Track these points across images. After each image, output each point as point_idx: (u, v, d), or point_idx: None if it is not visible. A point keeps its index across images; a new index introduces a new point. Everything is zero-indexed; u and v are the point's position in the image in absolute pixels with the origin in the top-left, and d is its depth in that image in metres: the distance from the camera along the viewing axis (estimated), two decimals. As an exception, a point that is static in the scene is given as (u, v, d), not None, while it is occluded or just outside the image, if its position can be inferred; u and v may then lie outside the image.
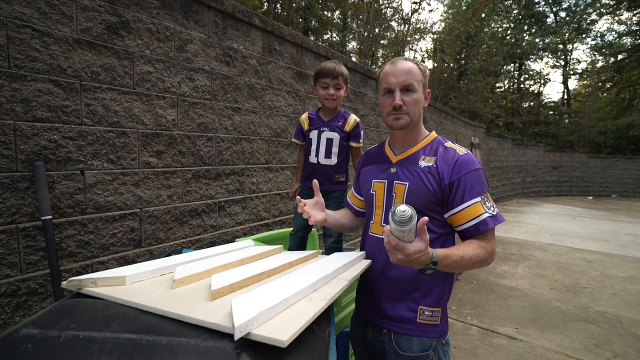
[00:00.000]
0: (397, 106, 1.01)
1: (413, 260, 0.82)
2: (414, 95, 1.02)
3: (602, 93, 20.55)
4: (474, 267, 0.96)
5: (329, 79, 1.75)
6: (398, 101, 1.01)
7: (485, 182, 0.99)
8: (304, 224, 1.99)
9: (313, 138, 1.89)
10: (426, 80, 1.06)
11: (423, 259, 0.84)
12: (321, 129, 1.87)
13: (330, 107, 1.85)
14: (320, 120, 1.89)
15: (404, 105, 1.02)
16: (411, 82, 1.01)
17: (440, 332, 1.03)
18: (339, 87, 1.79)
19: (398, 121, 1.04)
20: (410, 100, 1.02)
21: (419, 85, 1.03)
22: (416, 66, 1.03)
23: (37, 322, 0.66)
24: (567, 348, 2.59)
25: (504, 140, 12.49)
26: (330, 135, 1.86)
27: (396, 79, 1.02)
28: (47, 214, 1.49)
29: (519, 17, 20.83)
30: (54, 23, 1.55)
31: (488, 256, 0.96)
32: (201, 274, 0.92)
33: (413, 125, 1.07)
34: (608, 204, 12.59)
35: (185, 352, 0.57)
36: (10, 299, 1.47)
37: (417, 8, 11.38)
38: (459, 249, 0.94)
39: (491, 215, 0.96)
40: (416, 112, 1.04)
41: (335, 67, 1.76)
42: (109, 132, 1.77)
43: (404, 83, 1.01)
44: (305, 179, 2.00)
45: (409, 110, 1.02)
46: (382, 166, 1.12)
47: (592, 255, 5.27)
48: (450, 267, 0.92)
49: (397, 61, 1.05)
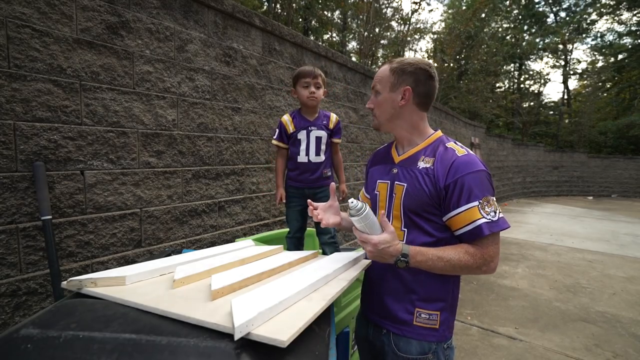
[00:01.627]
0: (368, 108, 1.12)
1: (381, 251, 0.89)
2: (378, 97, 1.07)
3: (602, 93, 20.53)
4: (460, 272, 0.94)
5: (309, 78, 1.85)
6: (368, 104, 1.12)
7: (487, 184, 0.94)
8: (299, 226, 2.01)
9: (302, 138, 1.93)
10: (401, 77, 1.02)
11: (391, 250, 0.89)
12: (309, 129, 1.92)
13: (312, 106, 1.93)
14: (306, 121, 1.94)
15: (374, 108, 1.09)
16: (375, 85, 1.08)
17: (439, 337, 1.00)
18: (318, 86, 1.88)
19: (373, 122, 1.14)
20: (375, 102, 1.09)
21: (383, 87, 1.05)
22: (388, 67, 1.05)
23: (37, 322, 0.66)
24: (567, 348, 2.59)
25: (504, 140, 12.49)
26: (319, 134, 1.93)
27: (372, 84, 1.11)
28: (47, 214, 1.49)
29: (519, 17, 20.84)
30: (53, 23, 1.55)
31: (478, 263, 0.90)
32: (201, 274, 0.92)
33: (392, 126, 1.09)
34: (608, 204, 12.58)
35: (185, 352, 0.57)
36: (10, 299, 1.47)
37: (417, 8, 11.38)
38: (440, 249, 0.93)
39: (489, 222, 0.90)
40: (382, 113, 1.07)
41: (313, 69, 1.88)
42: (109, 132, 1.77)
43: (373, 87, 1.10)
44: (292, 179, 2.00)
45: (375, 111, 1.10)
46: (386, 167, 1.12)
47: (592, 255, 5.27)
48: (427, 265, 0.92)
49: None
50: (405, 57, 1.06)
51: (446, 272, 0.95)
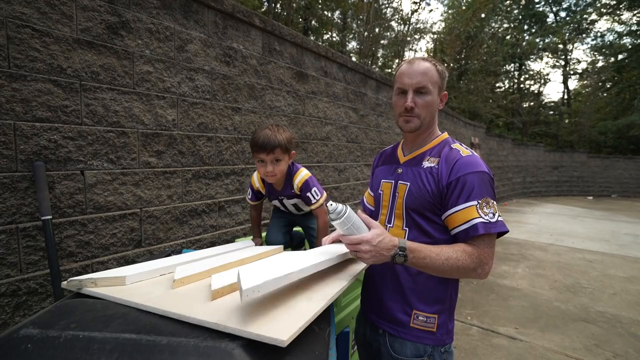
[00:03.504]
0: (409, 108, 0.99)
1: (377, 246, 0.84)
2: (427, 97, 0.99)
3: (602, 93, 20.54)
4: (456, 273, 0.91)
5: (263, 154, 1.36)
6: (409, 103, 0.98)
7: (488, 187, 0.93)
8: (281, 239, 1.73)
9: (277, 204, 1.68)
10: (443, 82, 1.02)
11: (387, 242, 0.85)
12: (280, 198, 1.62)
13: (273, 182, 1.53)
14: (274, 190, 1.59)
15: (415, 107, 0.99)
16: (425, 84, 0.97)
17: (436, 341, 0.99)
18: (278, 159, 1.39)
19: (408, 124, 1.02)
20: (422, 103, 0.99)
21: (433, 88, 0.99)
22: (434, 67, 1.00)
23: (37, 322, 0.66)
24: (567, 348, 2.59)
25: (504, 140, 12.49)
26: (293, 202, 1.62)
27: (410, 80, 0.99)
28: (47, 214, 1.49)
29: (519, 17, 20.84)
30: (54, 23, 1.55)
31: (475, 265, 0.88)
32: (201, 274, 0.92)
33: (425, 128, 1.04)
34: (608, 204, 12.58)
35: (185, 352, 0.57)
36: (10, 299, 1.47)
37: (417, 8, 11.38)
38: (438, 247, 0.91)
39: (486, 222, 0.88)
40: (428, 115, 1.01)
41: (269, 138, 1.35)
42: (109, 132, 1.77)
43: (418, 85, 0.98)
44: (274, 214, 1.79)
45: (420, 113, 0.99)
46: (391, 167, 1.12)
47: (592, 255, 5.27)
48: (425, 262, 0.88)
49: (414, 61, 1.01)
50: (431, 58, 1.06)
51: (443, 273, 0.92)
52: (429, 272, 0.94)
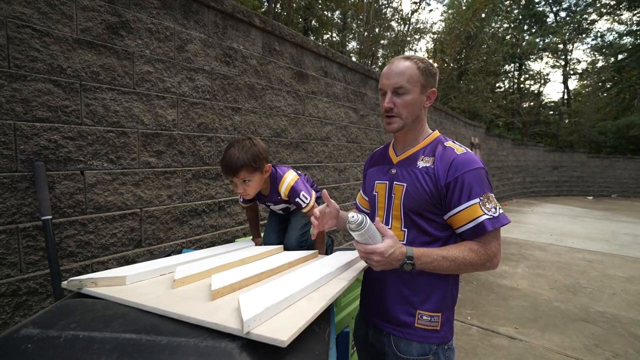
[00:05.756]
0: (387, 108, 0.99)
1: (388, 257, 0.86)
2: (406, 97, 0.98)
3: (602, 93, 20.55)
4: (465, 270, 0.93)
5: (230, 177, 1.35)
6: (387, 104, 0.99)
7: (486, 182, 0.95)
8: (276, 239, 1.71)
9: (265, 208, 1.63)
10: (429, 79, 1.00)
11: (397, 254, 0.87)
12: (267, 204, 1.64)
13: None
14: (262, 195, 1.58)
15: (395, 107, 0.99)
16: (402, 84, 0.97)
17: (441, 339, 1.00)
18: (247, 179, 1.35)
19: (390, 125, 1.02)
20: (401, 103, 0.98)
21: (413, 87, 0.98)
22: (414, 65, 0.98)
23: (37, 322, 0.66)
24: (567, 348, 2.59)
25: (504, 140, 12.49)
26: (280, 207, 1.62)
27: (388, 81, 0.99)
28: (47, 214, 1.49)
29: (519, 17, 20.84)
30: (54, 23, 1.55)
31: (483, 260, 0.91)
32: (201, 274, 0.92)
33: (410, 127, 1.03)
34: (608, 204, 12.58)
35: (185, 352, 0.57)
36: (10, 299, 1.47)
37: (417, 8, 11.38)
38: (444, 249, 0.93)
39: (491, 218, 0.90)
40: (410, 114, 1.00)
41: (231, 160, 1.29)
42: (109, 132, 1.77)
43: (395, 85, 0.98)
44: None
45: (401, 112, 0.99)
46: (384, 167, 1.11)
47: (592, 255, 5.27)
48: (433, 265, 0.91)
49: (393, 61, 1.01)
50: (418, 55, 1.04)
51: (451, 272, 0.94)
52: (437, 273, 0.96)
